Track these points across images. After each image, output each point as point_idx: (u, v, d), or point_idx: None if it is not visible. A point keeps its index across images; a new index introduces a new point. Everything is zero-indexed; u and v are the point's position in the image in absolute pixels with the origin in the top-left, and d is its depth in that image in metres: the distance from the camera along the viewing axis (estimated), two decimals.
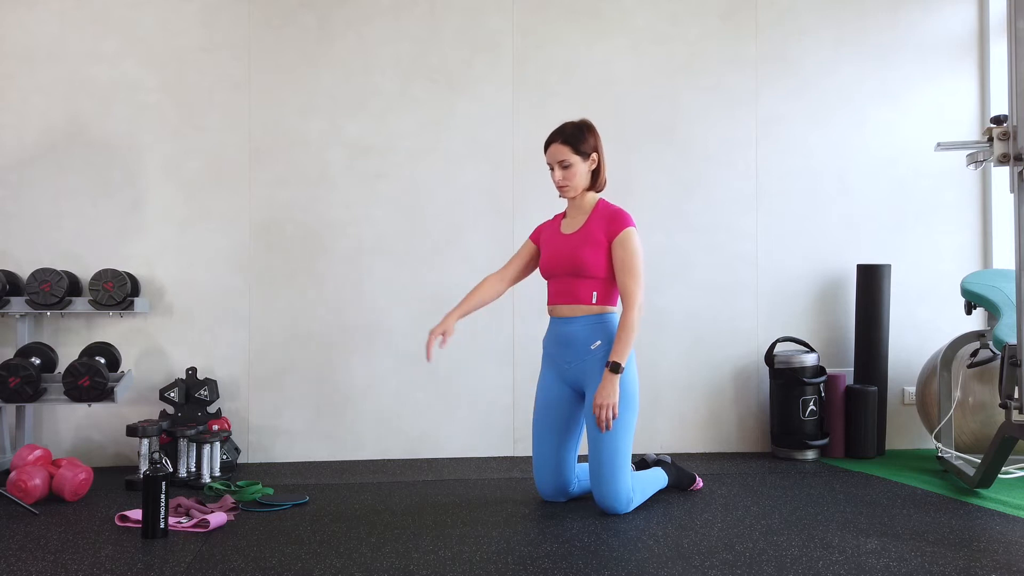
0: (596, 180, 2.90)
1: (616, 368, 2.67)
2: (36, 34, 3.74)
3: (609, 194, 3.94)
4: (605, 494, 2.73)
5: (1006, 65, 2.79)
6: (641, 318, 2.74)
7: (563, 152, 2.81)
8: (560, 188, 2.87)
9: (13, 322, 3.62)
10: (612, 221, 2.82)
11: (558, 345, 2.87)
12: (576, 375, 2.84)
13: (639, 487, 2.84)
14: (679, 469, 3.10)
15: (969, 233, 4.10)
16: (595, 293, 2.80)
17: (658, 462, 3.12)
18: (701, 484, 3.14)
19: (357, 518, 2.66)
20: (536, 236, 3.03)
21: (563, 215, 2.99)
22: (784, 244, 4.03)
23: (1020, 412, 2.75)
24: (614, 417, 2.66)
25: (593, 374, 2.78)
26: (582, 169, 2.84)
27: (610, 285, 2.82)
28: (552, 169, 2.86)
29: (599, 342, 2.78)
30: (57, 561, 2.26)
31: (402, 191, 3.87)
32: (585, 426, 2.84)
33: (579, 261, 2.78)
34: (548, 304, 2.91)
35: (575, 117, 2.94)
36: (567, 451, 2.90)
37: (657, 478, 2.98)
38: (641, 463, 3.18)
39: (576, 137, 2.81)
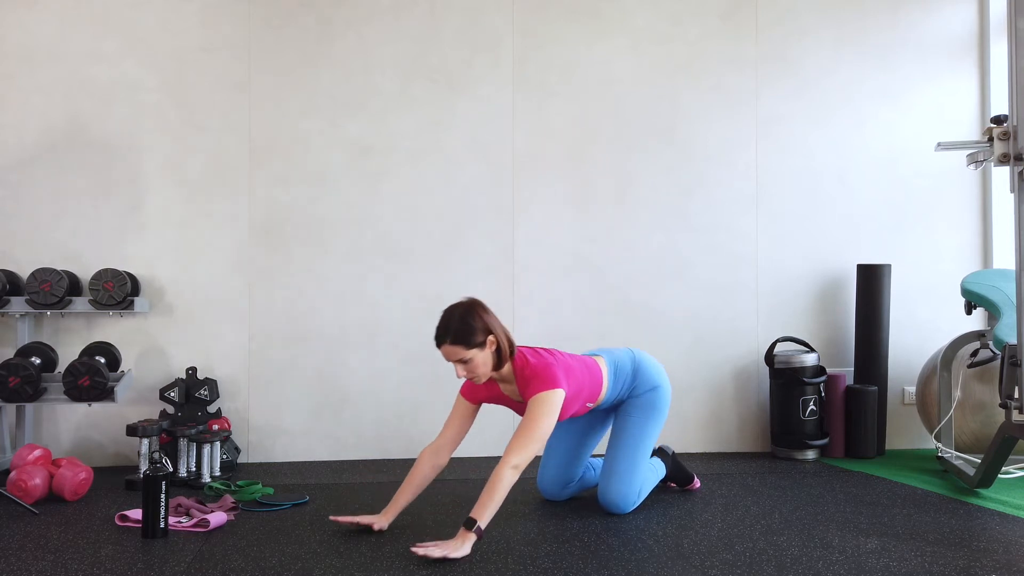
0: (501, 357, 2.58)
1: (470, 524, 2.31)
2: (36, 34, 3.74)
3: (610, 195, 3.96)
4: (614, 495, 2.75)
5: (1006, 65, 2.79)
6: (513, 479, 2.39)
7: (457, 352, 2.52)
8: (469, 379, 2.62)
9: (13, 322, 3.62)
10: (535, 387, 2.55)
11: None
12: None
13: (648, 483, 2.88)
14: (677, 463, 3.11)
15: (969, 233, 4.10)
16: (588, 404, 2.77)
17: (659, 451, 3.13)
18: (698, 485, 3.14)
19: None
20: (472, 397, 2.73)
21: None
22: (784, 244, 4.03)
23: (1020, 412, 2.75)
24: (434, 557, 2.24)
25: (629, 397, 2.86)
26: (482, 358, 2.54)
27: (590, 392, 2.74)
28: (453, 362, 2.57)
29: (623, 400, 2.86)
30: (57, 561, 2.26)
31: (402, 191, 3.87)
32: (611, 428, 2.90)
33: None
34: None
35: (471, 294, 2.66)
36: (584, 449, 2.96)
37: (656, 470, 2.99)
38: None
39: (463, 333, 2.50)
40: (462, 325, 2.51)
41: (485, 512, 2.32)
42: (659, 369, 2.91)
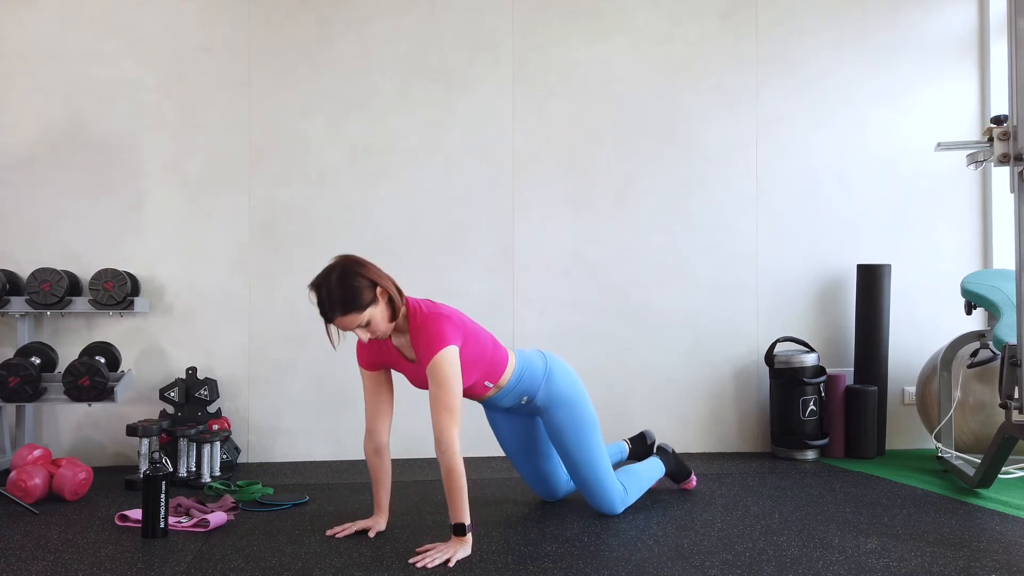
0: (395, 305, 2.39)
1: (461, 530, 2.28)
2: (36, 34, 3.74)
3: (610, 195, 3.96)
4: (596, 504, 2.75)
5: (1006, 65, 2.79)
6: (459, 459, 2.29)
7: (353, 320, 2.32)
8: (373, 338, 2.43)
9: (13, 322, 3.61)
10: (425, 346, 2.39)
11: (492, 410, 2.83)
12: (525, 415, 2.82)
13: (633, 482, 2.84)
14: (678, 460, 3.10)
15: (969, 233, 4.10)
16: (486, 383, 2.58)
17: (659, 449, 3.12)
18: (695, 483, 3.13)
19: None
20: (369, 362, 2.56)
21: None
22: (784, 244, 4.03)
23: (1020, 412, 2.75)
24: (444, 563, 2.21)
25: (541, 410, 2.72)
26: (379, 312, 2.35)
27: (490, 368, 2.55)
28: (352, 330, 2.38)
29: (525, 397, 2.68)
30: (57, 561, 2.26)
31: (402, 191, 3.87)
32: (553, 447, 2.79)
33: None
34: None
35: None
36: (547, 462, 2.87)
37: (653, 470, 2.98)
38: (639, 438, 3.20)
39: (350, 299, 2.30)
40: (345, 290, 2.29)
41: (463, 510, 2.29)
42: (572, 378, 2.73)
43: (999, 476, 3.09)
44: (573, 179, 3.94)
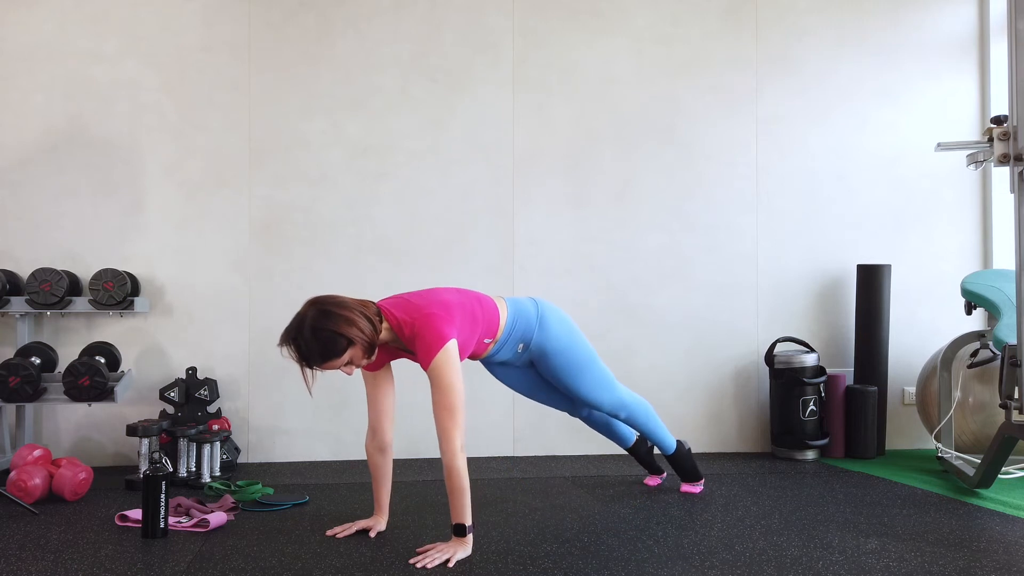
0: (371, 343, 2.35)
1: (461, 531, 2.28)
2: (36, 34, 3.74)
3: (610, 195, 3.95)
4: (594, 406, 2.85)
5: (1006, 65, 2.79)
6: (461, 459, 2.28)
7: (332, 365, 2.33)
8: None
9: (13, 322, 3.61)
10: (424, 350, 2.35)
11: (492, 365, 2.84)
12: (524, 365, 2.84)
13: (645, 411, 2.90)
14: (690, 457, 3.07)
15: (969, 233, 4.11)
16: (485, 340, 2.59)
17: (679, 443, 3.09)
18: (698, 490, 3.08)
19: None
20: (370, 364, 2.49)
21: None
22: (784, 244, 4.03)
23: (1020, 412, 2.75)
24: (444, 563, 2.21)
25: (536, 357, 2.74)
26: (359, 351, 2.33)
27: (486, 326, 2.56)
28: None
29: (521, 345, 2.69)
30: (57, 561, 2.26)
31: (402, 191, 3.87)
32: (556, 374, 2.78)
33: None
34: None
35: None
36: (561, 394, 2.92)
37: (665, 433, 3.00)
38: (644, 440, 3.18)
39: (327, 350, 2.29)
40: (320, 344, 2.28)
41: (465, 511, 2.29)
42: (565, 322, 2.73)
43: (999, 476, 3.09)
44: (573, 179, 3.94)
